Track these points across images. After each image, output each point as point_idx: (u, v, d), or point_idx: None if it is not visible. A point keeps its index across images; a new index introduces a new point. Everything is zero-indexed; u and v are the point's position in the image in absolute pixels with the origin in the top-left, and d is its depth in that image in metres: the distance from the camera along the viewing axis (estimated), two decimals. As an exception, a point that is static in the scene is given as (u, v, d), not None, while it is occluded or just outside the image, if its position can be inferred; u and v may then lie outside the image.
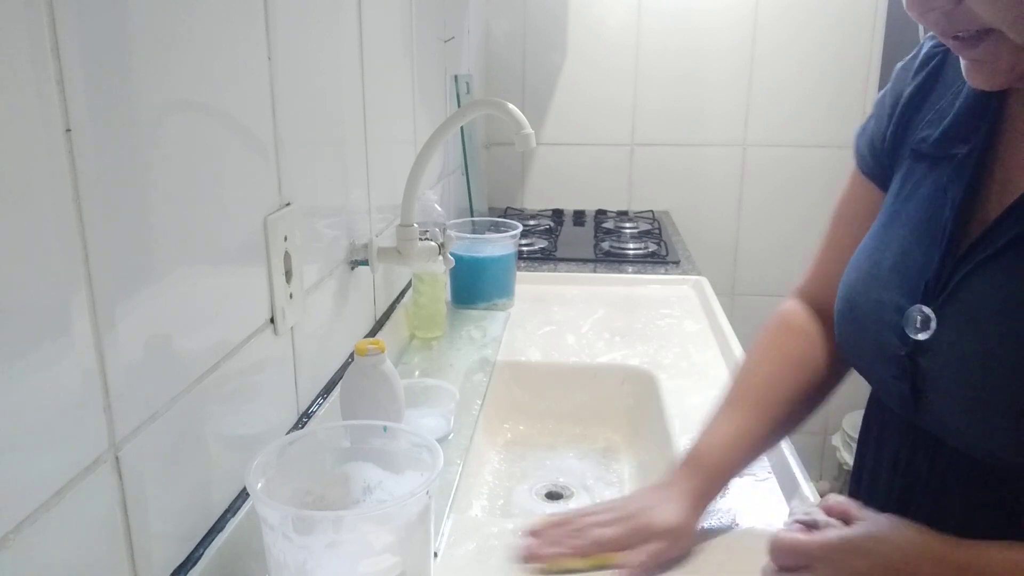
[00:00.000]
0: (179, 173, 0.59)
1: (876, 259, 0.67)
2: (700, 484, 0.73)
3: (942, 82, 0.67)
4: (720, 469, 0.74)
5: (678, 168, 2.27)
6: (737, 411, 0.77)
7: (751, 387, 0.78)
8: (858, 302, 0.68)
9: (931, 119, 0.67)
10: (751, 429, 0.75)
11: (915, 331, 0.61)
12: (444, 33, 1.61)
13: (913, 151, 0.68)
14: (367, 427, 0.67)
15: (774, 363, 0.79)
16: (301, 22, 0.82)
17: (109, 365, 0.50)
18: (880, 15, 2.11)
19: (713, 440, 0.75)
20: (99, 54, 0.49)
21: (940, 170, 0.64)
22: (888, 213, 0.69)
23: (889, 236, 0.67)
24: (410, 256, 1.09)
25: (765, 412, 0.76)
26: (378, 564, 0.57)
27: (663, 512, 0.71)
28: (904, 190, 0.68)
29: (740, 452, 0.75)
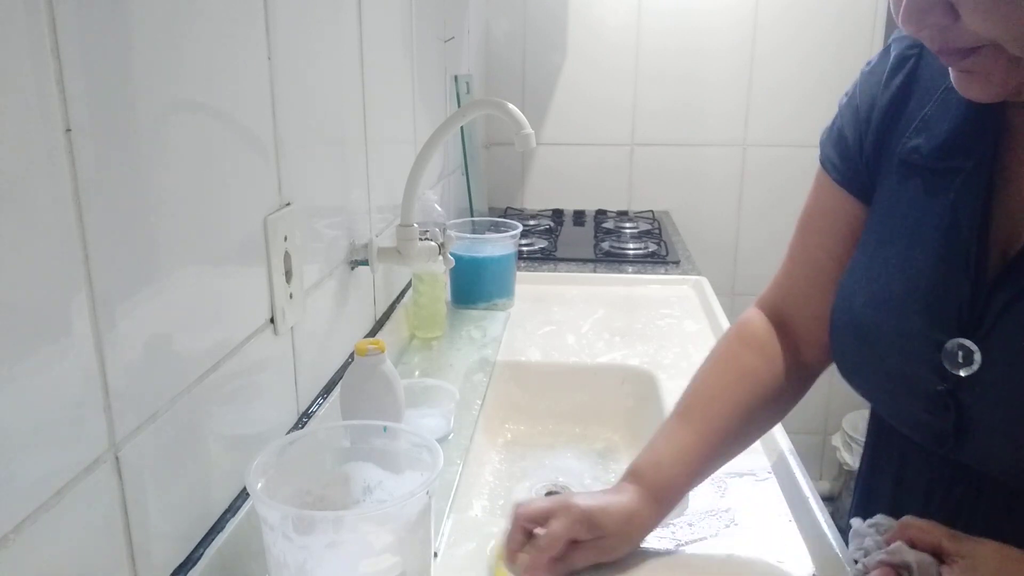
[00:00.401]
0: (179, 173, 0.59)
1: (883, 282, 0.63)
2: (638, 494, 0.69)
3: (919, 86, 0.64)
4: (659, 488, 0.70)
5: (678, 168, 2.27)
6: (681, 427, 0.73)
7: (698, 401, 0.75)
8: (871, 330, 0.64)
9: (917, 127, 0.63)
10: (696, 445, 0.71)
11: (956, 366, 0.57)
12: (444, 33, 1.61)
13: (902, 162, 0.64)
14: (367, 427, 0.67)
15: (724, 376, 0.75)
16: (301, 22, 0.82)
17: (109, 365, 0.50)
18: (880, 15, 2.11)
19: (654, 457, 0.72)
20: (99, 54, 0.49)
21: (943, 184, 0.61)
22: (881, 231, 0.66)
23: (890, 257, 0.64)
24: (410, 256, 1.09)
25: (711, 428, 0.72)
26: (378, 564, 0.57)
27: (583, 498, 0.68)
28: (899, 205, 0.64)
29: (684, 469, 0.71)
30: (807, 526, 0.79)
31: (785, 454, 0.92)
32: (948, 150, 0.61)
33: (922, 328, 0.60)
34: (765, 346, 0.76)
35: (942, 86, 0.62)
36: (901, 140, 0.64)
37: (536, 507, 0.67)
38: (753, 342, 0.77)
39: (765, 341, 0.77)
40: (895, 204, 0.65)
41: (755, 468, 0.90)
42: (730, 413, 0.73)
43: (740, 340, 0.78)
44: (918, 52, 0.65)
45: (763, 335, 0.77)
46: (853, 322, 0.66)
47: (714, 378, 0.76)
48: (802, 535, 0.78)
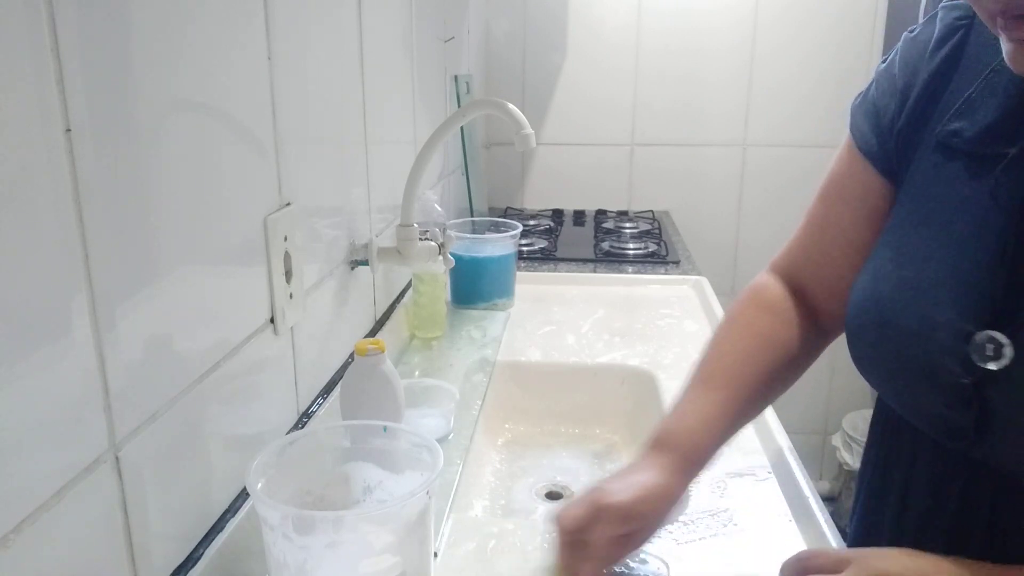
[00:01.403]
0: (179, 173, 0.59)
1: (914, 268, 0.61)
2: (670, 464, 0.67)
3: (964, 64, 0.61)
4: (691, 451, 0.68)
5: (678, 168, 2.27)
6: (706, 391, 0.72)
7: (720, 366, 0.73)
8: (894, 318, 0.61)
9: (960, 109, 0.60)
10: (721, 410, 0.70)
11: (984, 359, 0.55)
12: (444, 33, 1.61)
13: (941, 144, 0.61)
14: (367, 427, 0.67)
15: (744, 341, 0.74)
16: (301, 22, 0.82)
17: (109, 365, 0.50)
18: (880, 15, 2.11)
19: (682, 422, 0.70)
20: (99, 54, 0.49)
21: (983, 170, 0.57)
22: (914, 214, 0.63)
23: (921, 243, 0.61)
24: (410, 256, 1.09)
25: (735, 392, 0.71)
26: (378, 564, 0.57)
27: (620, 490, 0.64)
28: (935, 188, 0.61)
29: (711, 433, 0.69)
30: (807, 526, 0.79)
31: (785, 454, 0.92)
32: (992, 136, 0.58)
33: (951, 317, 0.57)
34: (783, 311, 0.75)
35: (988, 66, 0.59)
36: (941, 120, 0.61)
37: (576, 516, 0.64)
38: (771, 307, 0.76)
39: (781, 306, 0.76)
40: (930, 187, 0.62)
41: (755, 468, 0.90)
42: (754, 378, 0.72)
43: (757, 304, 0.77)
44: (967, 24, 0.61)
45: (780, 300, 0.76)
46: (877, 309, 0.63)
47: (736, 343, 0.75)
48: (802, 535, 0.78)
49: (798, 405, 2.32)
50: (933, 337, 0.58)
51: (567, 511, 0.65)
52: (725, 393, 0.71)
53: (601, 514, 0.63)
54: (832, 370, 2.29)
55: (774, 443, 0.94)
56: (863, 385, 0.71)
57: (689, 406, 0.71)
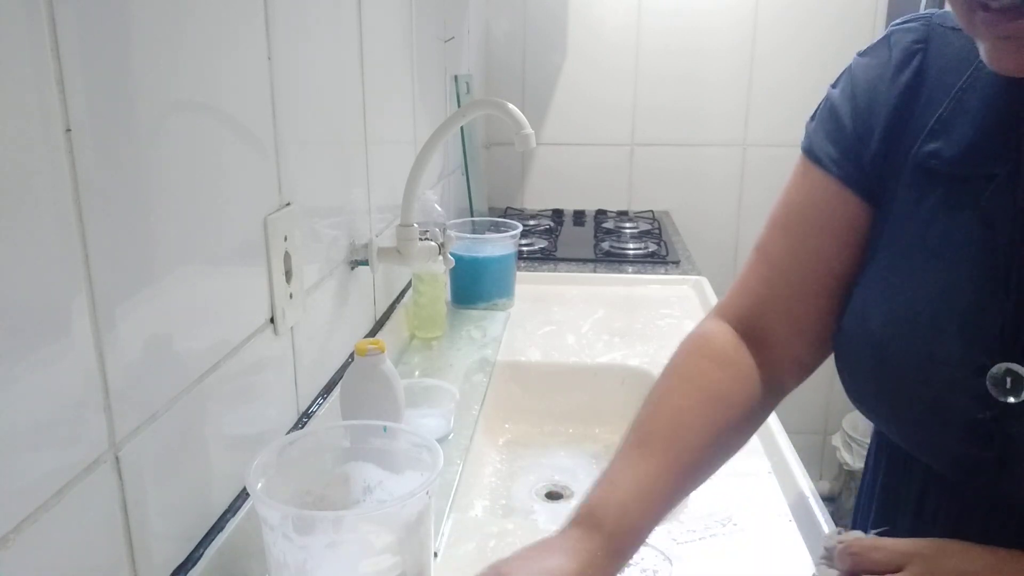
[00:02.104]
0: (179, 173, 0.59)
1: (904, 299, 0.57)
2: (591, 546, 0.56)
3: (928, 84, 0.59)
4: (619, 530, 0.57)
5: (678, 168, 2.27)
6: (642, 457, 0.62)
7: (658, 427, 0.63)
8: (896, 356, 0.57)
9: (933, 129, 0.57)
10: (658, 479, 0.60)
11: (1003, 393, 0.52)
12: (444, 33, 1.61)
13: (918, 167, 0.58)
14: (367, 427, 0.67)
15: (686, 398, 0.64)
16: (301, 22, 0.82)
17: (109, 365, 0.50)
18: (880, 15, 2.11)
19: (611, 494, 0.59)
20: (99, 54, 0.49)
21: (969, 192, 0.55)
22: (898, 241, 0.59)
23: (910, 272, 0.58)
24: (410, 256, 1.09)
25: (675, 458, 0.61)
26: (378, 564, 0.57)
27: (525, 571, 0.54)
28: (917, 215, 0.58)
29: (644, 508, 0.59)
30: (807, 526, 0.79)
31: (785, 454, 0.92)
32: (973, 157, 0.55)
33: (960, 352, 0.54)
34: (733, 363, 0.67)
35: (955, 85, 0.57)
36: (915, 144, 0.59)
37: None
38: (718, 357, 0.67)
39: (732, 357, 0.67)
40: (913, 213, 0.58)
41: (755, 468, 0.90)
42: (697, 441, 0.62)
43: (702, 355, 0.68)
44: (924, 47, 0.59)
45: (729, 350, 0.68)
46: (871, 344, 0.59)
47: (678, 399, 0.65)
48: (802, 535, 0.78)
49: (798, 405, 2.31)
50: (938, 372, 0.55)
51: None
52: (663, 459, 0.61)
53: None
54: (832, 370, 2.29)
55: (774, 443, 0.94)
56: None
57: (620, 475, 0.61)
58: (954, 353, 0.54)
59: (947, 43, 0.58)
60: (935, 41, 0.59)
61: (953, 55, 0.58)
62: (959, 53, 0.57)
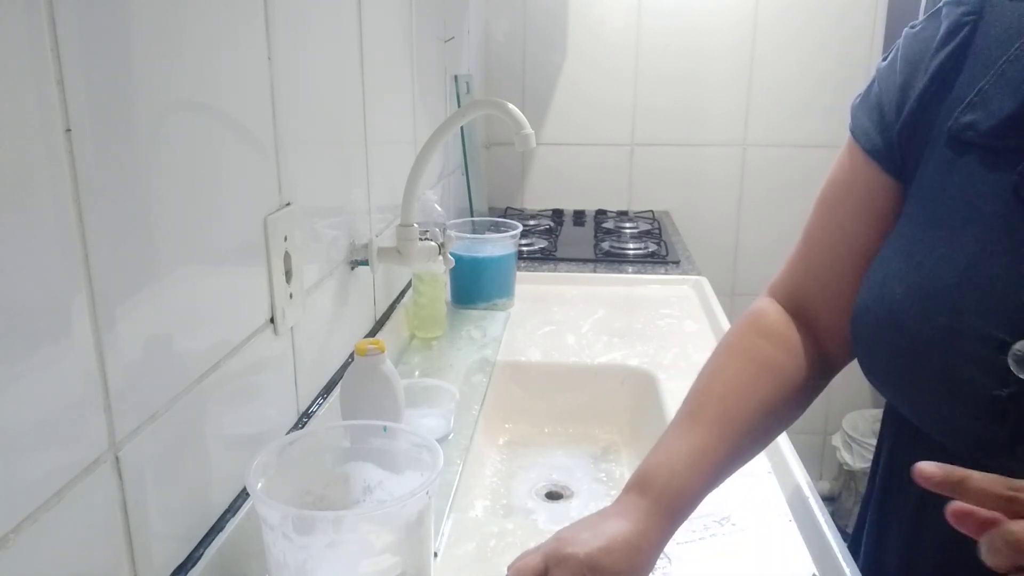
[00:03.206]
0: (179, 173, 0.59)
1: (927, 271, 0.57)
2: (647, 510, 0.60)
3: (972, 58, 0.58)
4: (672, 495, 0.60)
5: (678, 168, 2.27)
6: (694, 426, 0.64)
7: (712, 397, 0.65)
8: (909, 326, 0.57)
9: (973, 102, 0.57)
10: (710, 448, 0.62)
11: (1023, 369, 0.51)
12: (444, 33, 1.61)
13: (953, 139, 0.58)
14: (367, 427, 0.67)
15: (739, 370, 0.67)
16: (301, 22, 0.82)
17: (109, 365, 0.50)
18: (880, 15, 2.11)
19: (666, 461, 0.62)
20: (99, 54, 0.49)
21: (1003, 165, 0.54)
22: (925, 213, 0.59)
23: (935, 244, 0.57)
24: (410, 256, 1.09)
25: (726, 428, 0.63)
26: (378, 564, 0.57)
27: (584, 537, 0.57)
28: (948, 186, 0.58)
29: (696, 476, 0.61)
30: (807, 526, 0.79)
31: (785, 454, 0.92)
32: (1011, 128, 0.54)
33: (980, 326, 0.53)
34: (784, 339, 0.69)
35: (1001, 58, 0.56)
36: (952, 114, 0.58)
37: (529, 566, 0.57)
38: (771, 333, 0.69)
39: (785, 334, 0.69)
40: (943, 184, 0.58)
41: (755, 468, 0.90)
42: (751, 410, 0.64)
43: (756, 331, 0.70)
44: (975, 20, 0.58)
45: (782, 327, 0.70)
46: (890, 316, 0.58)
47: (731, 372, 0.67)
48: (802, 535, 0.78)
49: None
50: (957, 346, 0.54)
51: (522, 558, 0.59)
52: (715, 429, 0.63)
53: (556, 565, 0.56)
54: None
55: (774, 443, 0.94)
56: (863, 385, 0.70)
57: (674, 443, 0.64)
58: (975, 328, 0.54)
59: (1000, 16, 0.58)
60: (988, 13, 0.58)
61: (1003, 28, 0.57)
62: (1010, 26, 0.57)
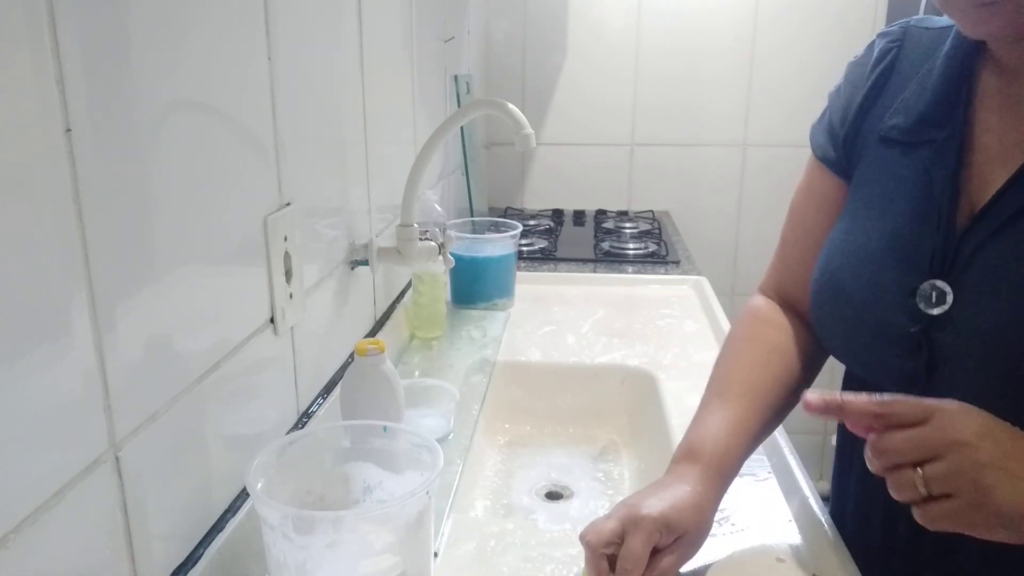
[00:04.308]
0: (179, 173, 0.59)
1: (859, 242, 0.69)
2: (699, 474, 0.68)
3: (897, 74, 0.71)
4: (719, 461, 0.69)
5: (678, 168, 2.27)
6: (725, 402, 0.74)
7: (736, 377, 0.76)
8: (847, 286, 0.68)
9: (897, 108, 0.70)
10: (744, 419, 0.72)
11: (929, 306, 0.62)
12: (444, 33, 1.61)
13: (882, 139, 0.70)
14: (367, 427, 0.67)
15: (756, 352, 0.78)
16: (301, 22, 0.82)
17: (109, 365, 0.50)
18: (880, 15, 2.11)
19: (706, 433, 0.71)
20: (99, 54, 0.49)
21: (917, 154, 0.67)
22: (860, 197, 0.71)
23: (867, 220, 0.69)
24: (410, 256, 1.09)
25: (754, 400, 0.74)
26: (378, 564, 0.57)
27: (650, 500, 0.64)
28: (878, 174, 0.70)
29: (736, 444, 0.71)
30: (807, 526, 0.79)
31: (785, 454, 0.92)
32: (923, 123, 0.67)
33: (896, 276, 0.65)
34: (783, 325, 0.80)
35: (918, 72, 0.69)
36: (881, 121, 0.71)
37: (607, 529, 0.63)
38: (772, 322, 0.81)
39: (780, 319, 0.81)
40: (873, 175, 0.71)
41: (755, 468, 0.90)
42: (771, 384, 0.75)
43: (759, 321, 0.81)
44: (898, 45, 0.72)
45: (777, 316, 0.81)
46: (831, 280, 0.70)
47: (746, 356, 0.78)
48: (802, 535, 0.78)
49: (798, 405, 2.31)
50: (881, 297, 0.66)
51: (594, 526, 0.63)
52: (745, 402, 0.73)
53: (634, 526, 0.62)
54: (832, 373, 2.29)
55: (774, 443, 0.94)
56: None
57: (710, 418, 0.73)
58: (895, 279, 0.65)
59: (919, 40, 0.72)
60: (909, 39, 0.72)
61: (923, 49, 0.71)
62: (928, 47, 0.70)
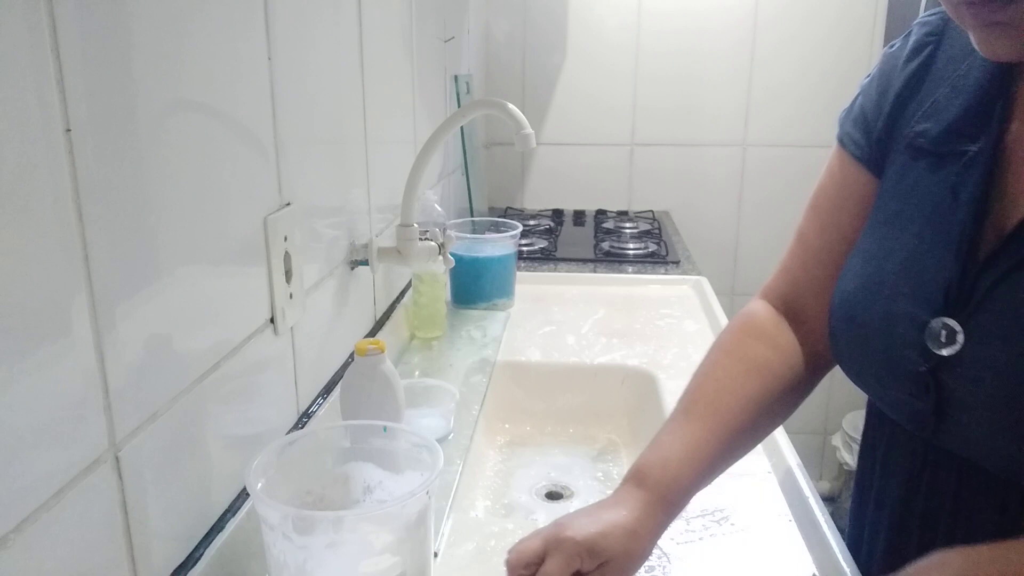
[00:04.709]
0: (179, 173, 0.59)
1: (876, 264, 0.63)
2: (643, 500, 0.63)
3: (934, 72, 0.64)
4: (666, 489, 0.63)
5: (678, 168, 2.27)
6: (687, 422, 0.67)
7: (703, 395, 0.69)
8: (861, 316, 0.63)
9: (927, 111, 0.63)
10: (703, 442, 0.66)
11: (939, 346, 0.56)
12: (444, 33, 1.61)
13: (909, 145, 0.64)
14: (367, 427, 0.67)
15: (731, 369, 0.70)
16: (301, 22, 0.82)
17: (109, 365, 0.50)
18: (880, 15, 2.11)
19: (660, 454, 0.65)
20: (99, 54, 0.49)
21: (945, 168, 0.60)
22: (886, 212, 0.65)
23: (885, 240, 0.63)
24: (410, 256, 1.09)
25: (719, 423, 0.67)
26: (378, 564, 0.57)
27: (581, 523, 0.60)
28: (902, 187, 0.63)
29: (690, 468, 0.64)
30: (807, 526, 0.79)
31: (785, 454, 0.92)
32: (953, 134, 0.60)
33: (908, 310, 0.59)
34: (773, 338, 0.73)
35: (954, 74, 0.62)
36: (910, 124, 0.64)
37: (528, 549, 0.60)
38: (761, 333, 0.73)
39: (774, 333, 0.73)
40: (898, 187, 0.64)
41: (755, 468, 0.90)
42: (741, 407, 0.68)
43: (746, 332, 0.74)
44: (937, 39, 0.65)
45: (771, 327, 0.74)
46: (845, 304, 0.65)
47: (721, 371, 0.71)
48: (802, 535, 0.78)
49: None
50: (892, 329, 0.60)
51: (519, 544, 0.61)
52: (708, 424, 0.67)
53: (555, 548, 0.59)
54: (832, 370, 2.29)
55: (774, 443, 0.94)
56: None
57: (668, 438, 0.67)
58: (906, 311, 0.59)
59: (957, 37, 0.63)
60: (950, 33, 0.64)
61: (962, 46, 0.62)
62: (964, 46, 0.62)
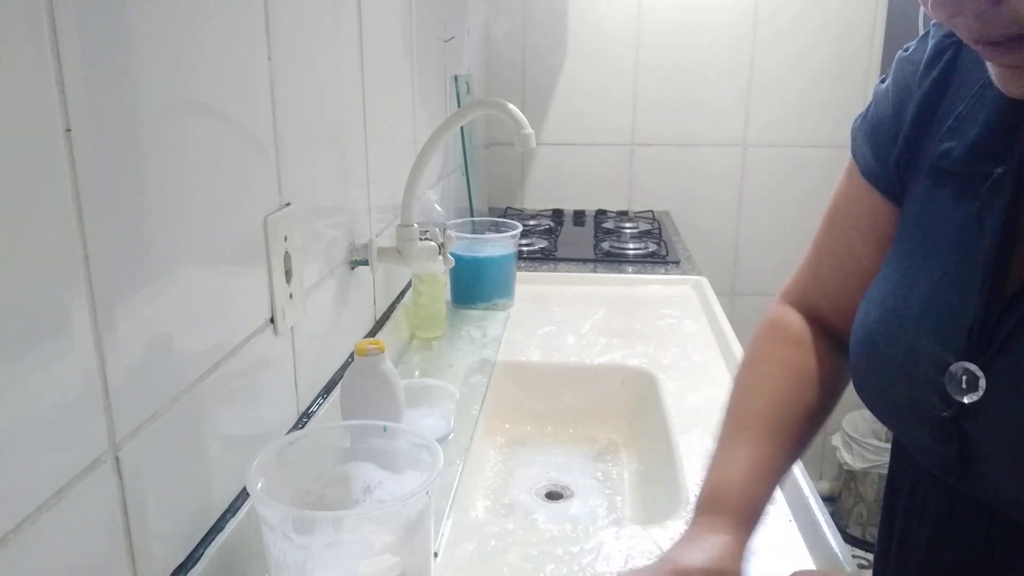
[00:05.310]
0: (179, 173, 0.59)
1: (900, 296, 0.58)
2: (727, 524, 0.62)
3: (957, 81, 0.58)
4: (744, 507, 0.63)
5: (678, 168, 2.27)
6: (750, 439, 0.66)
7: (759, 411, 0.68)
8: (882, 349, 0.58)
9: (952, 127, 0.57)
10: (767, 458, 0.65)
11: (960, 392, 0.52)
12: (444, 33, 1.61)
13: (933, 167, 0.58)
14: (367, 427, 0.67)
15: (782, 379, 0.69)
16: (301, 22, 0.82)
17: (109, 365, 0.50)
18: (880, 13, 2.11)
19: (727, 476, 0.65)
20: (99, 54, 0.49)
21: (971, 192, 0.54)
22: (910, 241, 0.60)
23: (914, 270, 0.58)
24: (410, 256, 1.09)
25: (780, 437, 0.66)
26: (378, 564, 0.57)
27: (691, 554, 0.59)
28: (926, 213, 0.58)
29: (763, 489, 0.64)
30: (807, 526, 0.79)
31: (785, 454, 0.92)
32: (978, 153, 0.54)
33: (931, 349, 0.54)
34: (809, 344, 0.71)
35: (979, 82, 0.56)
36: (935, 141, 0.58)
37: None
38: (795, 339, 0.71)
39: (804, 338, 0.71)
40: (922, 212, 0.59)
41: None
42: (796, 418, 0.67)
43: (785, 340, 0.72)
44: (957, 41, 0.58)
45: (806, 334, 0.71)
46: (867, 338, 0.60)
47: (771, 385, 0.69)
48: (802, 535, 0.78)
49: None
50: (915, 369, 0.55)
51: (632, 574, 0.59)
52: (769, 439, 0.66)
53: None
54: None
55: (774, 443, 0.94)
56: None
57: (732, 461, 0.66)
58: (930, 351, 0.54)
59: None
60: None
61: None
62: None
